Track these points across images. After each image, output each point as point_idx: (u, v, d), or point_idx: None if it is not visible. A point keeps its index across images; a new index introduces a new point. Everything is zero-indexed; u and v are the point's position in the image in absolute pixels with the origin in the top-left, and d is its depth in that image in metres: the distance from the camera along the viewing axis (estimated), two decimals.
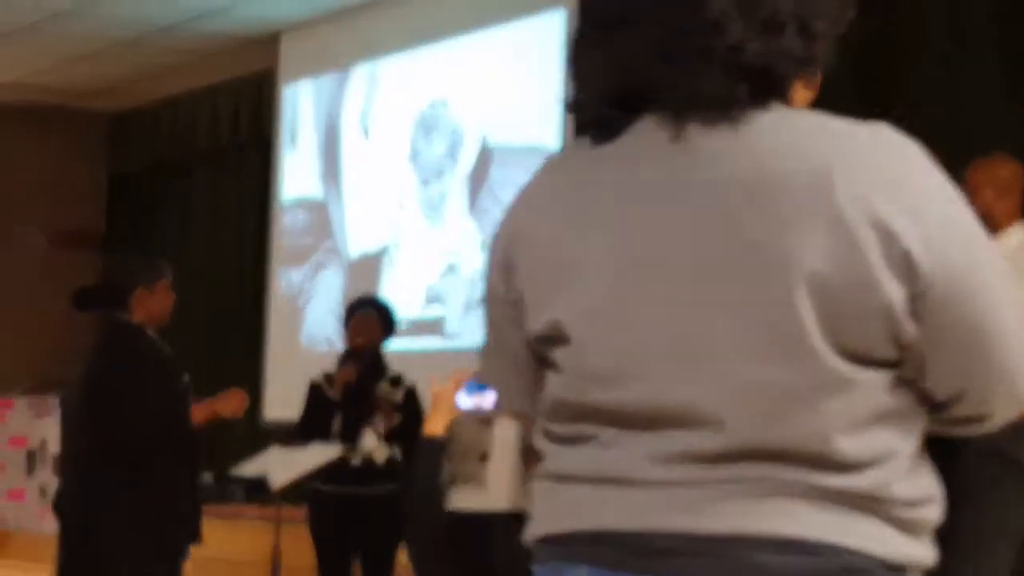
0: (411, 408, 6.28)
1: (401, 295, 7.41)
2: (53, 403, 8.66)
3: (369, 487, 6.08)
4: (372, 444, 6.15)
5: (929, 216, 1.37)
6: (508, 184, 7.26)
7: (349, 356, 6.38)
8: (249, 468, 6.17)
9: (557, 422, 1.48)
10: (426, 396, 5.52)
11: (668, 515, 1.37)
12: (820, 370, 1.34)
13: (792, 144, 1.40)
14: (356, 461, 6.13)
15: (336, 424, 6.21)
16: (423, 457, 3.63)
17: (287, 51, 9.42)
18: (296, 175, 8.78)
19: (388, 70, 8.32)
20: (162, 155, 11.74)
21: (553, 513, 1.45)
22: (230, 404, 5.36)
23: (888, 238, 1.35)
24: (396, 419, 6.23)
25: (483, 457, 4.63)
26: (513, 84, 7.36)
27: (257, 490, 6.12)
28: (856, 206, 1.35)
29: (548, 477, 1.48)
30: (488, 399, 3.57)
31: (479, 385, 3.61)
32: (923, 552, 1.38)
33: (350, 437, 6.18)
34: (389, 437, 6.23)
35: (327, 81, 9.14)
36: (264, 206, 10.36)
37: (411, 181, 7.81)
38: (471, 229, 7.45)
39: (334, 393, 6.28)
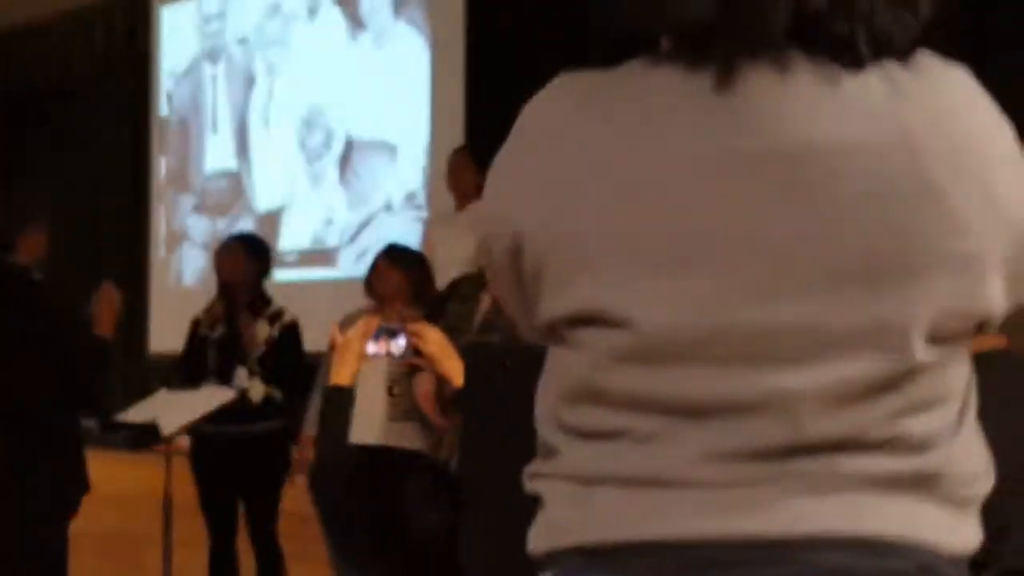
0: (288, 344, 5.80)
1: (295, 237, 9.00)
2: None
3: (246, 426, 5.60)
4: (244, 383, 5.68)
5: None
6: (365, 165, 8.65)
7: (222, 292, 5.90)
8: (137, 414, 5.30)
9: (578, 410, 1.22)
10: (313, 330, 5.76)
11: (729, 520, 1.15)
12: (909, 360, 1.15)
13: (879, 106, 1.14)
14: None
15: (211, 362, 5.75)
16: (330, 407, 3.30)
17: None
18: (217, 153, 9.79)
19: (279, 81, 9.29)
20: (36, 79, 10.96)
21: (583, 521, 1.20)
22: (110, 303, 4.60)
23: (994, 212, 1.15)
24: (259, 348, 5.77)
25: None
26: (370, 93, 8.58)
27: (145, 436, 5.20)
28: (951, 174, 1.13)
29: (568, 478, 1.22)
30: (398, 345, 3.25)
31: (386, 330, 3.32)
32: (975, 532, 1.21)
33: (224, 375, 5.74)
34: (265, 376, 5.75)
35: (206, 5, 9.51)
36: (141, 131, 10.11)
37: (300, 160, 9.12)
38: (341, 194, 8.83)
39: (207, 331, 5.82)
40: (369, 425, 4.50)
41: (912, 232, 1.14)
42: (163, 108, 10.09)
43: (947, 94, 1.18)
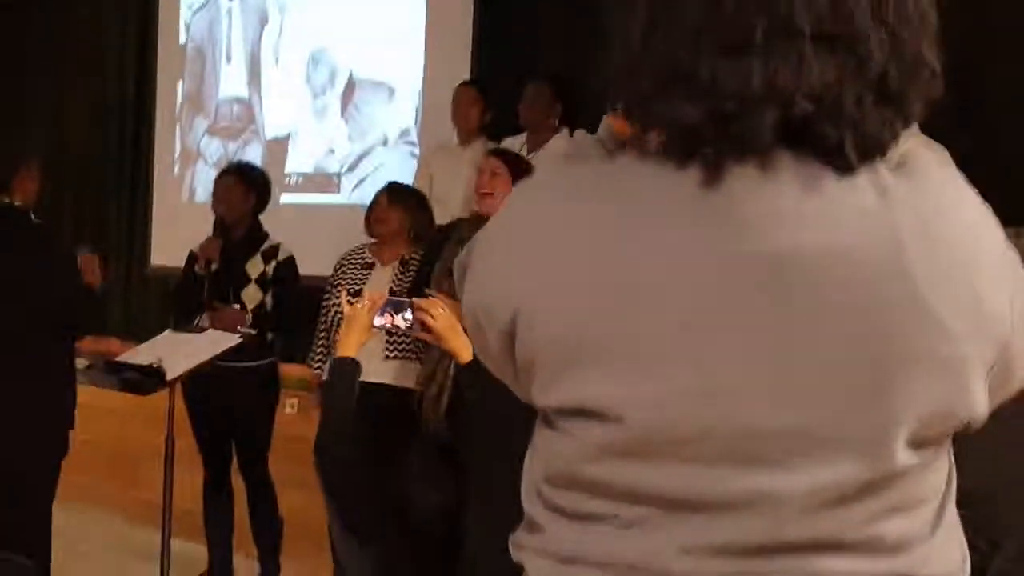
0: (283, 280, 5.64)
1: (300, 163, 9.17)
2: None
3: (237, 360, 5.38)
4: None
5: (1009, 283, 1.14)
6: (365, 101, 8.86)
7: (217, 227, 5.72)
8: (141, 355, 5.10)
9: (562, 493, 1.24)
10: (313, 253, 5.93)
11: None
12: (889, 466, 1.17)
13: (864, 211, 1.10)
14: None
15: (207, 299, 5.63)
16: (337, 378, 3.21)
17: None
18: (230, 82, 9.83)
19: (289, 19, 9.34)
20: None
21: None
22: (96, 271, 4.58)
23: (985, 329, 1.13)
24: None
25: None
26: (371, 36, 8.77)
27: (149, 380, 4.96)
28: (942, 291, 1.10)
29: (549, 555, 1.25)
30: (404, 318, 3.18)
31: (393, 304, 3.25)
32: None
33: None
34: (260, 316, 5.63)
35: None
36: (145, 44, 9.94)
37: (306, 93, 9.29)
38: (343, 127, 9.02)
39: (200, 267, 5.64)
40: (365, 363, 4.33)
41: (897, 339, 1.12)
42: (181, 35, 10.36)
43: (935, 198, 1.15)
